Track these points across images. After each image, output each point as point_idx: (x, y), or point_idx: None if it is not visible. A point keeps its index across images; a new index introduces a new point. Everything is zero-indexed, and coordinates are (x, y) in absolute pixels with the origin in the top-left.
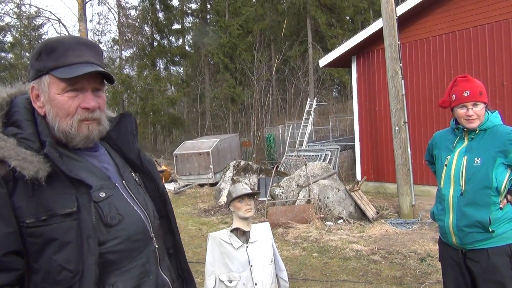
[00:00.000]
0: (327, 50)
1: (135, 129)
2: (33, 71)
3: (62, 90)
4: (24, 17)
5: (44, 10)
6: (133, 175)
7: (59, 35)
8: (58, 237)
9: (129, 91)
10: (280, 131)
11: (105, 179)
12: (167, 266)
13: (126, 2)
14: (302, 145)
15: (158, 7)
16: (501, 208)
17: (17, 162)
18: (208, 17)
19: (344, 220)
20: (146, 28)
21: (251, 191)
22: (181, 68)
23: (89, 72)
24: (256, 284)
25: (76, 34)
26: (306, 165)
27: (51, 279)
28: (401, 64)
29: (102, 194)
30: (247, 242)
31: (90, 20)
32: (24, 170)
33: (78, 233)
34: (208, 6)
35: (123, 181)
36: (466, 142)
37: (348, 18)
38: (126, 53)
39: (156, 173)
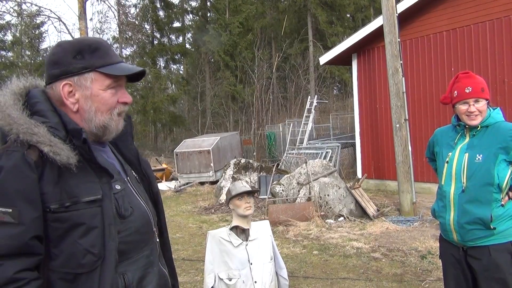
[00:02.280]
0: (327, 48)
1: (132, 131)
2: (68, 68)
3: (107, 87)
4: (25, 15)
5: (44, 8)
6: (134, 173)
7: (59, 33)
8: (86, 221)
9: (129, 89)
10: (280, 129)
11: (116, 173)
12: (162, 261)
13: (126, 0)
14: (302, 143)
15: (158, 5)
16: (502, 205)
17: (50, 148)
18: (208, 15)
19: (344, 218)
20: (146, 26)
21: (250, 189)
22: (182, 66)
23: (139, 71)
24: (255, 282)
25: (76, 32)
26: (306, 163)
27: (74, 262)
28: (401, 62)
29: (118, 187)
30: (246, 240)
31: (91, 19)
32: (57, 156)
33: (101, 220)
34: (208, 4)
35: (128, 178)
36: (467, 139)
37: (348, 15)
38: (126, 51)
39: (152, 174)
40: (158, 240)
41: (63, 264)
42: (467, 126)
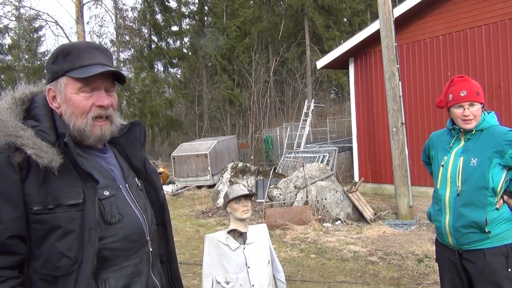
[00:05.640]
0: (324, 52)
1: (144, 138)
2: (49, 74)
3: (78, 90)
4: (23, 19)
5: (42, 12)
6: (136, 180)
7: (57, 37)
8: (63, 225)
9: (126, 93)
10: (278, 133)
11: (110, 179)
12: (158, 271)
13: (123, 4)
14: (300, 147)
15: (156, 9)
16: (497, 209)
17: (33, 151)
18: (205, 19)
19: (341, 222)
20: (144, 30)
21: (247, 192)
22: (179, 70)
23: (102, 72)
24: (253, 285)
25: (74, 36)
26: (304, 166)
27: (51, 265)
28: (398, 66)
29: (106, 193)
30: (244, 244)
31: (87, 22)
32: (39, 159)
33: (81, 224)
34: (206, 8)
35: (126, 185)
36: (462, 143)
37: (345, 19)
38: (124, 55)
39: (158, 182)
40: (151, 249)
41: (42, 265)
42: (462, 130)
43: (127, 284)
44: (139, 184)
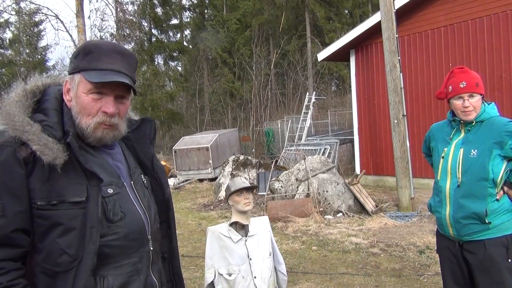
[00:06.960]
0: (325, 44)
1: (153, 135)
2: (70, 66)
3: (88, 91)
4: (23, 13)
5: (42, 6)
6: (142, 177)
7: (57, 31)
8: (64, 222)
9: None
10: (279, 126)
11: (115, 177)
12: (158, 269)
13: None
14: (301, 139)
15: (156, 2)
16: (497, 200)
17: (38, 147)
18: (206, 11)
19: (343, 214)
20: (144, 23)
21: (249, 185)
22: (180, 63)
23: (113, 82)
24: (255, 277)
25: (74, 30)
26: (305, 159)
27: (52, 260)
28: (399, 57)
29: (110, 191)
30: (246, 236)
31: (89, 16)
32: (43, 155)
33: (83, 222)
34: (206, 0)
35: (132, 182)
36: (462, 134)
37: (346, 11)
38: None
39: (165, 180)
40: (152, 248)
41: (44, 259)
42: (462, 121)
43: (125, 282)
44: (145, 181)
